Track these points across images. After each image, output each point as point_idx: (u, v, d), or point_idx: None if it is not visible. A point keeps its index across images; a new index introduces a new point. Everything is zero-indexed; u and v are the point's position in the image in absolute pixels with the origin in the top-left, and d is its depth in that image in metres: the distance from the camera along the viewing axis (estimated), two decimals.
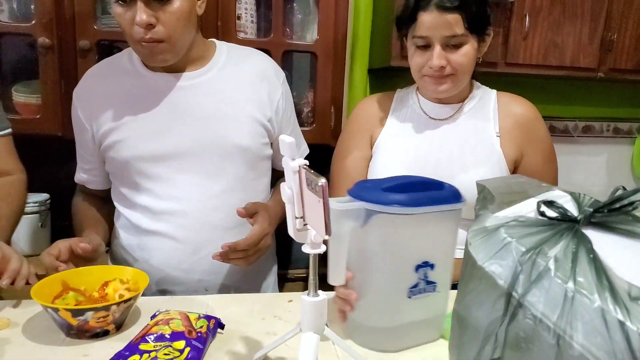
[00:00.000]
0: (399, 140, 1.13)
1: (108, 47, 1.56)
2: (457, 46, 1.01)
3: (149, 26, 0.95)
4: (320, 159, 1.29)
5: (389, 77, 1.98)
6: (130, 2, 0.94)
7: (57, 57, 1.47)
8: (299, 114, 1.69)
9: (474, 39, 1.02)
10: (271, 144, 1.15)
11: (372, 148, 1.16)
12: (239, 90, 1.09)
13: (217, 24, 1.51)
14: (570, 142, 2.16)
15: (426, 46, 1.02)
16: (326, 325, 0.69)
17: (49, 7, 1.44)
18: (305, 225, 0.64)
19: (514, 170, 1.09)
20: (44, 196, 1.64)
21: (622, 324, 0.40)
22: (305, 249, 0.66)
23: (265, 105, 1.11)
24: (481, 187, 0.60)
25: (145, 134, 1.05)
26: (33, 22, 1.46)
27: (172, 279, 1.06)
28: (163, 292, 1.06)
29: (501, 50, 1.68)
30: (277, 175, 1.21)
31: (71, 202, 1.22)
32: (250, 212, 1.02)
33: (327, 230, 0.59)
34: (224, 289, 1.10)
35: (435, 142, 1.10)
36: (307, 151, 1.28)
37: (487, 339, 0.48)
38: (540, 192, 0.57)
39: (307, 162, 0.62)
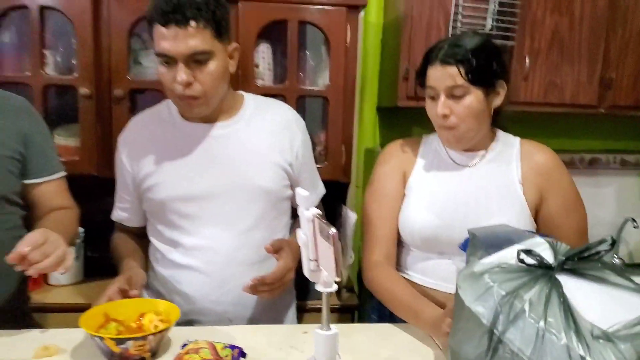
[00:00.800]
0: (429, 184, 1.18)
1: (139, 94, 1.70)
2: (461, 97, 1.08)
3: (188, 84, 1.08)
4: (332, 194, 1.40)
5: (396, 116, 2.09)
6: (173, 63, 1.07)
7: (94, 104, 1.61)
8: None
9: (479, 90, 1.08)
10: (291, 185, 1.26)
11: (404, 188, 1.21)
12: (264, 139, 1.21)
13: (237, 72, 1.63)
14: (577, 174, 2.21)
15: (434, 97, 1.11)
16: (338, 355, 0.77)
17: (89, 61, 1.59)
18: (318, 267, 0.74)
19: (535, 216, 1.14)
20: (79, 230, 1.76)
21: (583, 358, 0.49)
22: (319, 287, 0.75)
23: (287, 152, 1.23)
24: (472, 235, 0.69)
25: (180, 177, 1.17)
26: (75, 74, 1.61)
27: (199, 310, 1.16)
28: (190, 322, 1.16)
29: None
30: (297, 214, 1.31)
31: (105, 235, 1.33)
32: (276, 249, 1.12)
33: (338, 273, 0.68)
34: (247, 320, 1.19)
35: (462, 188, 1.15)
36: (324, 191, 1.37)
37: None
38: (523, 239, 0.66)
39: (319, 211, 0.72)
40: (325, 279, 0.73)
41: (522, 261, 0.60)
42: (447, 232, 1.10)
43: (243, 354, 0.91)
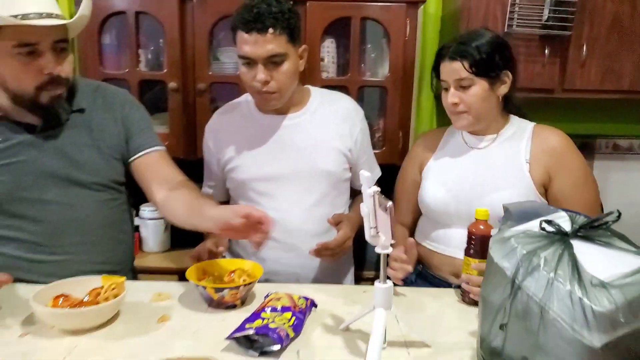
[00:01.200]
0: (444, 166, 1.37)
1: (219, 87, 1.92)
2: (467, 87, 1.25)
3: (266, 82, 1.29)
4: (390, 177, 1.56)
5: None
6: (253, 64, 1.28)
7: (181, 97, 1.85)
8: (370, 138, 1.96)
9: (484, 80, 1.24)
10: (350, 168, 1.45)
11: (421, 174, 1.42)
12: (327, 128, 1.41)
13: (304, 66, 1.82)
14: (636, 159, 2.23)
15: (447, 89, 1.29)
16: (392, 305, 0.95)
17: (176, 58, 1.84)
18: (377, 233, 0.91)
19: (545, 192, 1.26)
20: None
21: (580, 299, 0.63)
22: (377, 249, 0.93)
23: (347, 138, 1.42)
24: (505, 208, 0.84)
25: (257, 161, 1.39)
26: (164, 70, 1.86)
27: (273, 271, 1.37)
28: (266, 281, 1.38)
29: (558, 77, 1.85)
30: (355, 193, 1.51)
31: None
32: (336, 221, 1.33)
33: (393, 236, 0.86)
34: (311, 281, 1.40)
35: (473, 167, 1.32)
36: (380, 174, 1.55)
37: (499, 311, 0.72)
38: (549, 213, 0.80)
39: (379, 189, 0.90)
40: (383, 243, 0.91)
41: (543, 229, 0.74)
42: (455, 204, 1.29)
43: (314, 304, 1.10)
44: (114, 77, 1.90)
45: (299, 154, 1.39)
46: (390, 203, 0.84)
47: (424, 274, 1.38)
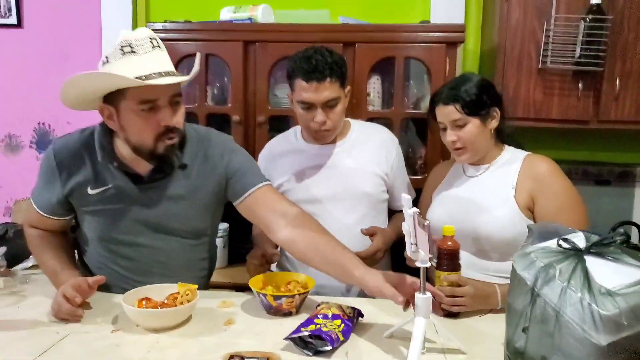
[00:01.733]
0: (446, 192, 1.54)
1: (275, 119, 2.13)
2: (462, 126, 1.42)
3: (323, 123, 1.50)
4: None
5: None
6: (312, 108, 1.50)
7: (243, 128, 2.07)
8: (413, 165, 2.10)
9: (476, 118, 1.41)
10: (387, 190, 1.64)
11: (431, 198, 1.59)
12: (366, 155, 1.61)
13: (352, 100, 1.99)
14: None
15: (445, 129, 1.46)
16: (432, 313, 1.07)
17: (239, 94, 2.06)
18: (417, 249, 1.06)
19: (532, 215, 1.38)
20: (225, 225, 2.22)
21: (590, 305, 0.75)
22: (418, 263, 1.06)
23: (383, 164, 1.62)
24: (529, 228, 0.96)
25: (305, 184, 1.59)
26: (229, 105, 2.09)
27: (320, 284, 1.51)
28: (315, 294, 1.52)
29: (593, 109, 1.94)
30: (392, 213, 1.70)
31: (244, 230, 1.75)
32: (370, 232, 1.52)
33: (431, 252, 1.00)
34: (356, 293, 1.54)
35: (467, 193, 1.48)
36: (414, 196, 1.72)
37: (522, 316, 0.84)
38: (567, 233, 0.92)
39: (418, 210, 1.04)
40: (422, 257, 1.05)
41: (560, 245, 0.87)
42: (454, 225, 1.34)
43: (361, 314, 1.24)
44: (186, 111, 2.12)
45: (341, 178, 1.58)
46: (427, 222, 0.98)
47: None
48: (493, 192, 1.43)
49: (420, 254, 1.05)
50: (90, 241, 1.40)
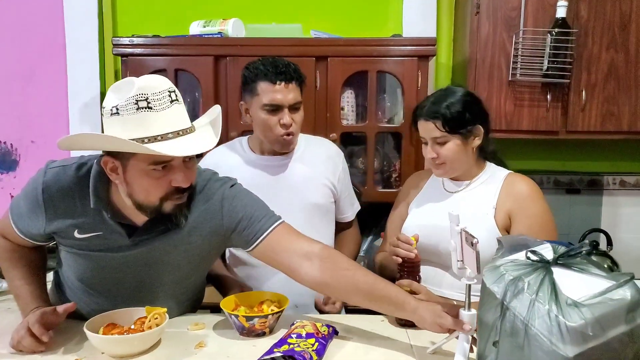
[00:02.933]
0: (423, 206, 1.52)
1: (248, 134, 2.11)
2: (443, 143, 1.38)
3: (289, 125, 1.51)
4: None
5: None
6: (278, 111, 1.51)
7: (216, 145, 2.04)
8: (387, 179, 2.11)
9: (457, 137, 1.37)
10: (335, 201, 1.67)
11: (407, 211, 1.55)
12: (314, 167, 1.62)
13: (326, 115, 2.00)
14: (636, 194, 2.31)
15: (425, 143, 1.43)
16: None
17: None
18: (464, 265, 1.05)
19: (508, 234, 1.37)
20: None
21: (557, 316, 0.75)
22: (464, 280, 1.04)
23: (331, 176, 1.64)
24: (499, 241, 0.96)
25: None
26: None
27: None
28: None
29: (561, 120, 1.98)
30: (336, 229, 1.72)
31: None
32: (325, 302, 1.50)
33: (478, 270, 0.97)
34: (309, 307, 1.54)
35: (444, 210, 1.33)
36: (359, 207, 1.76)
37: (492, 329, 0.84)
38: (535, 245, 0.92)
39: (467, 226, 1.02)
40: (469, 275, 1.03)
41: (528, 258, 0.87)
42: (429, 242, 1.38)
43: (336, 332, 1.22)
44: None
45: (291, 190, 1.58)
46: (476, 239, 0.96)
47: None
48: (472, 212, 1.39)
49: (467, 271, 1.04)
50: (68, 280, 1.32)
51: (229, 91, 2.04)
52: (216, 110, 1.22)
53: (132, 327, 1.18)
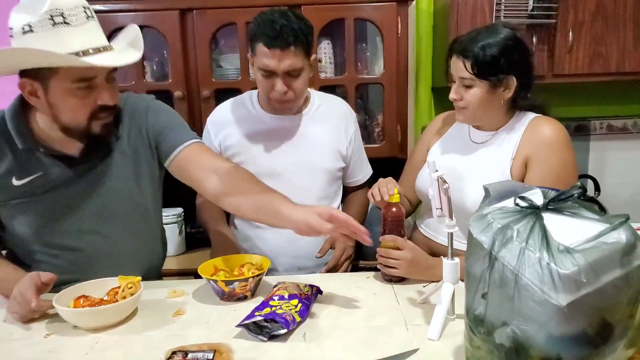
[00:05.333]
0: (442, 153, 1.40)
1: (222, 93, 2.01)
2: (469, 86, 1.24)
3: (284, 93, 1.39)
4: (390, 169, 1.64)
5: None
6: (272, 76, 1.38)
7: (186, 104, 1.94)
8: (370, 134, 2.04)
9: (485, 84, 1.22)
10: (344, 166, 1.57)
11: (427, 152, 1.44)
12: (325, 128, 1.51)
13: None
14: (631, 138, 2.27)
15: (454, 81, 1.28)
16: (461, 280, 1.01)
17: (180, 68, 1.93)
18: (442, 213, 1.01)
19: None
20: (179, 210, 2.12)
21: (548, 264, 0.70)
22: (445, 229, 1.02)
23: (342, 138, 1.53)
24: (485, 189, 0.91)
25: (260, 157, 1.49)
26: (169, 80, 1.95)
27: (278, 262, 1.47)
28: (270, 271, 1.44)
29: (547, 63, 1.90)
30: (346, 191, 1.65)
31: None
32: (326, 248, 1.47)
33: (451, 216, 0.97)
34: (311, 269, 1.50)
35: (464, 160, 1.34)
36: (371, 172, 1.67)
37: (480, 281, 0.79)
38: (525, 191, 0.87)
39: (443, 173, 0.99)
40: (449, 223, 1.01)
41: (517, 204, 0.81)
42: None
43: (320, 291, 1.18)
44: (121, 89, 1.97)
45: (299, 152, 1.49)
46: (447, 185, 0.95)
47: None
48: (489, 165, 1.28)
49: (446, 219, 1.01)
50: (22, 241, 1.25)
51: (198, 47, 1.93)
52: (134, 30, 1.21)
53: (105, 297, 1.12)
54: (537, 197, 0.83)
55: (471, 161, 1.34)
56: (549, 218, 0.77)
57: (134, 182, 1.28)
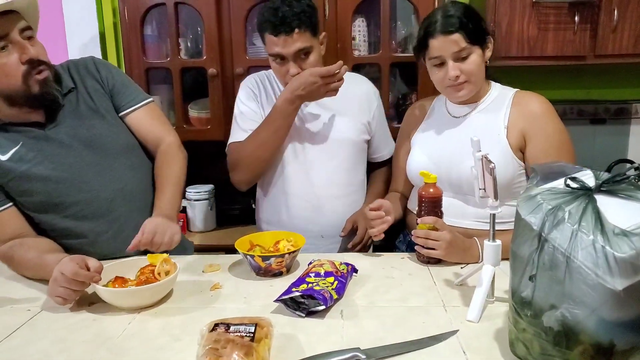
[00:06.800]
0: (428, 135, 1.44)
1: (255, 70, 1.99)
2: (465, 57, 1.27)
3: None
4: None
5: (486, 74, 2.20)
6: (284, 61, 1.42)
7: (220, 81, 1.94)
8: (403, 112, 2.00)
9: (478, 48, 1.28)
10: (368, 140, 1.61)
11: (410, 143, 1.48)
12: (348, 103, 1.54)
13: (336, 46, 1.87)
14: None
15: (441, 63, 1.29)
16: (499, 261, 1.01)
17: (214, 45, 1.92)
18: (485, 193, 1.00)
19: (523, 157, 1.30)
20: (210, 186, 2.14)
21: (603, 247, 0.68)
22: (487, 210, 1.00)
23: (366, 112, 1.57)
24: (532, 169, 0.88)
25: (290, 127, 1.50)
26: (204, 57, 1.95)
27: (301, 229, 1.44)
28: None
29: (589, 43, 1.83)
30: (370, 168, 1.68)
31: (231, 190, 1.63)
32: (349, 227, 1.52)
33: (496, 197, 0.95)
34: (335, 239, 1.55)
35: (453, 136, 1.37)
36: (394, 146, 1.66)
37: (528, 263, 0.77)
38: (575, 172, 0.84)
39: (488, 153, 0.97)
40: (491, 203, 0.99)
41: (567, 185, 0.79)
42: (439, 172, 1.28)
43: (355, 270, 1.18)
44: (158, 66, 2.01)
45: (324, 125, 1.53)
46: (493, 164, 0.93)
47: (414, 244, 1.30)
48: (482, 134, 1.23)
49: (489, 200, 0.99)
50: (41, 215, 1.28)
51: (233, 24, 1.92)
52: None
53: (141, 276, 1.09)
54: (588, 178, 0.81)
55: (458, 134, 1.36)
56: (602, 200, 0.75)
57: (108, 125, 1.32)
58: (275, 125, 1.46)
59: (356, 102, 1.57)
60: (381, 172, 1.70)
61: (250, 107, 1.57)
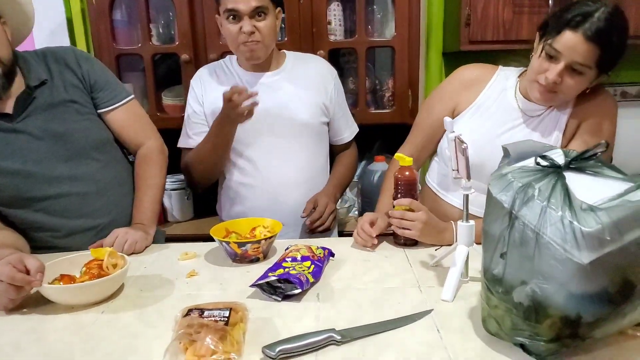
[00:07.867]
0: (482, 119, 1.27)
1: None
2: (578, 73, 1.08)
3: (251, 33, 1.39)
4: (401, 136, 1.61)
5: (460, 60, 2.19)
6: (239, 18, 1.40)
7: (194, 68, 1.90)
8: (380, 99, 2.00)
9: (595, 73, 1.09)
10: (327, 123, 1.58)
11: (453, 112, 1.32)
12: (302, 84, 1.52)
13: (312, 30, 1.86)
14: None
15: (554, 58, 1.09)
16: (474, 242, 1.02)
17: (187, 30, 1.88)
18: (458, 174, 1.00)
19: None
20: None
21: (571, 222, 0.69)
22: (460, 191, 1.01)
23: (322, 94, 1.54)
24: (504, 148, 0.89)
25: None
26: (177, 43, 1.91)
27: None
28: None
29: None
30: (334, 151, 1.66)
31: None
32: (310, 207, 1.50)
33: (468, 177, 0.95)
34: (296, 226, 1.54)
35: (509, 134, 1.24)
36: (357, 130, 1.67)
37: (499, 241, 0.78)
38: (545, 151, 0.85)
39: (460, 134, 0.97)
40: (464, 184, 1.00)
41: (538, 163, 0.80)
42: (473, 157, 1.08)
43: (332, 254, 1.18)
44: (128, 53, 1.96)
45: (279, 108, 1.50)
46: (465, 144, 0.91)
47: None
48: (544, 140, 1.18)
49: (462, 181, 0.99)
50: (9, 209, 1.25)
51: (205, 9, 1.88)
52: None
53: (86, 270, 1.03)
54: (558, 156, 0.82)
55: (517, 133, 1.24)
56: (570, 177, 0.76)
57: (82, 118, 1.30)
58: (213, 142, 1.46)
59: (310, 83, 1.54)
60: (344, 155, 1.68)
61: (194, 109, 1.56)
